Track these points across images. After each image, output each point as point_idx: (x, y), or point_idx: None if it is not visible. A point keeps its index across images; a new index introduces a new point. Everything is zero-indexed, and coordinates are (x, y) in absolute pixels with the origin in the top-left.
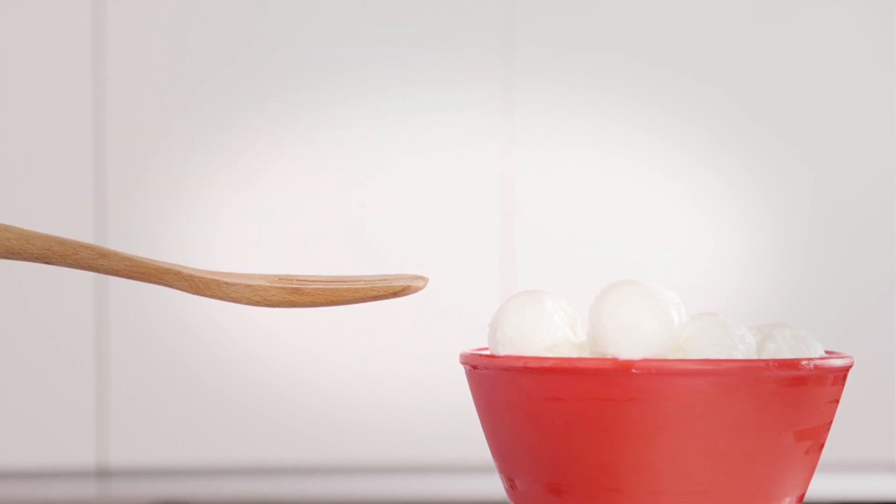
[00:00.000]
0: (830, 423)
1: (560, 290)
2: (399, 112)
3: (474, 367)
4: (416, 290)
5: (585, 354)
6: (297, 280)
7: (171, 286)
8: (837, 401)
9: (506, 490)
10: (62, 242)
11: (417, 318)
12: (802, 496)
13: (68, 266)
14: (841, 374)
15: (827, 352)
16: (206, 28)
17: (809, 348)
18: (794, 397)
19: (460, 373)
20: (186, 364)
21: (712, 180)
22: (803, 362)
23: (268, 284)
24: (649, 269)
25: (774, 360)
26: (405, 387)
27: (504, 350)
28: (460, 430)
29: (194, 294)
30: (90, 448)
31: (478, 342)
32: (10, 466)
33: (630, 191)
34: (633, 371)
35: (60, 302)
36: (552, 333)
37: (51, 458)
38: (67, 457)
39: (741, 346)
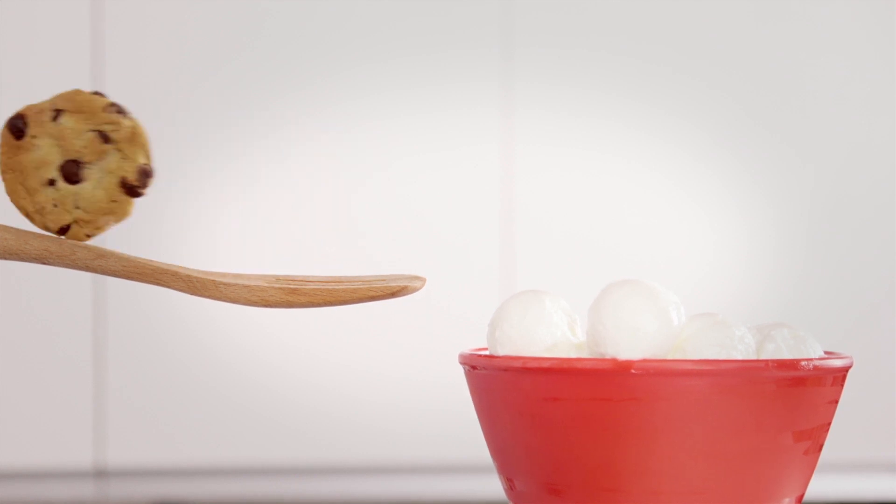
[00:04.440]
0: (830, 423)
1: (560, 289)
2: (399, 112)
3: (473, 368)
4: (414, 290)
5: (585, 355)
6: (294, 280)
7: (168, 287)
8: (837, 401)
9: (505, 490)
10: (60, 243)
11: (417, 318)
12: (801, 496)
13: (66, 266)
14: (840, 375)
15: (826, 352)
16: (206, 28)
17: (809, 348)
18: (794, 398)
19: (460, 373)
20: (185, 364)
21: (712, 180)
22: (802, 363)
23: (265, 285)
24: (649, 269)
25: (774, 361)
26: (405, 387)
27: (503, 349)
28: (460, 430)
29: (192, 294)
30: (88, 448)
31: (477, 342)
32: (8, 466)
33: (630, 191)
34: (633, 371)
35: (59, 302)
36: (552, 333)
37: (49, 459)
38: (65, 457)
39: (740, 346)
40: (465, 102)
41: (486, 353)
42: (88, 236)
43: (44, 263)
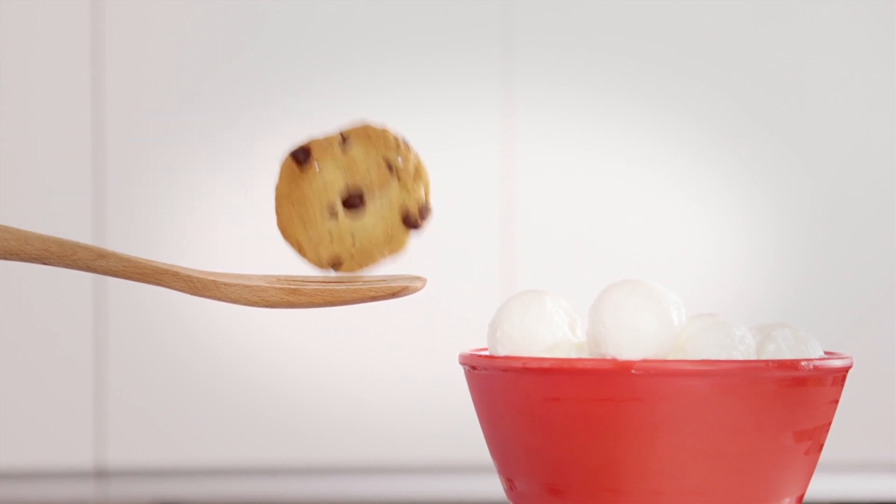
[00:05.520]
0: (830, 423)
1: (560, 289)
2: (399, 112)
3: (473, 368)
4: (415, 290)
5: (585, 355)
6: (295, 280)
7: (169, 287)
8: (837, 401)
9: (505, 490)
10: (60, 243)
11: (417, 318)
12: (802, 496)
13: (67, 267)
14: (840, 375)
15: (826, 352)
16: (206, 28)
17: (809, 349)
18: (794, 398)
19: (460, 373)
20: (185, 364)
21: (712, 180)
22: (803, 363)
23: (266, 285)
24: (649, 269)
25: (774, 361)
26: (405, 387)
27: (504, 349)
28: (460, 430)
29: (192, 295)
30: (88, 448)
31: (477, 342)
32: (8, 466)
33: (630, 191)
34: (633, 372)
35: (59, 302)
36: (553, 333)
37: (49, 459)
38: (66, 457)
39: (741, 346)
40: (465, 102)
41: (487, 353)
42: (361, 268)
43: (44, 264)
